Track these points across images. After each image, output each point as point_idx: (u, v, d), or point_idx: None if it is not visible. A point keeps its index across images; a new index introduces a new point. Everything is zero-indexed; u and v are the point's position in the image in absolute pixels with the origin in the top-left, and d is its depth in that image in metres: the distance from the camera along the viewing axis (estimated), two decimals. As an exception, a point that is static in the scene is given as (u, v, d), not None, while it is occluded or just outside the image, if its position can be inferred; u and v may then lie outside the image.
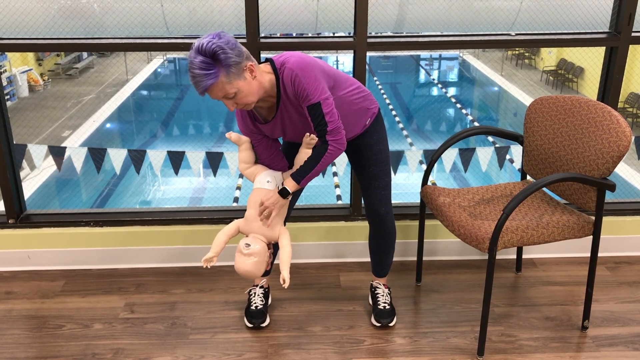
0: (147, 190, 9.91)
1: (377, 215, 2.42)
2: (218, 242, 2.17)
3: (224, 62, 1.81)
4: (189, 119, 14.47)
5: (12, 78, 14.30)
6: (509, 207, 2.08)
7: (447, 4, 3.22)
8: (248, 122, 2.16)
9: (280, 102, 2.04)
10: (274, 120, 2.10)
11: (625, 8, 2.79)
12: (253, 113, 2.13)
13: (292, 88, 1.97)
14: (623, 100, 13.08)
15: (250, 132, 2.18)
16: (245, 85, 1.88)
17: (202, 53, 1.79)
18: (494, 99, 16.14)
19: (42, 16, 3.09)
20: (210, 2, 3.16)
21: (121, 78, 15.74)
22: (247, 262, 2.10)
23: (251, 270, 2.11)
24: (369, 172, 2.35)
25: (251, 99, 1.93)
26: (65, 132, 11.63)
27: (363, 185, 2.40)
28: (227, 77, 1.83)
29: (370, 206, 2.41)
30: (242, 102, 1.92)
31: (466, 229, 2.23)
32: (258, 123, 2.15)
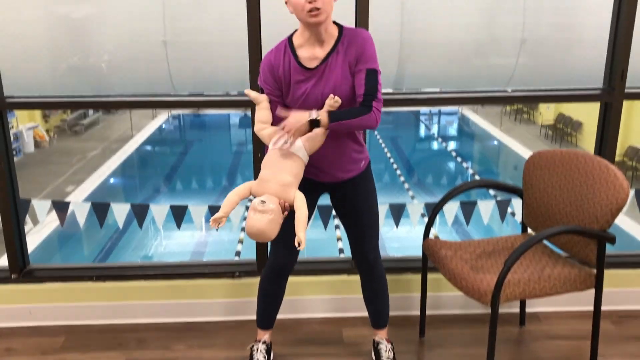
0: (149, 245, 9.89)
1: (367, 262, 2.43)
2: (229, 201, 2.03)
3: None
4: (192, 174, 14.59)
5: (18, 134, 14.52)
6: (510, 260, 2.10)
7: (445, 62, 3.31)
8: (270, 80, 2.14)
9: (331, 54, 2.07)
10: (316, 70, 2.07)
11: (617, 64, 2.88)
12: (295, 58, 2.10)
13: (359, 47, 2.04)
14: (622, 153, 13.20)
15: (270, 91, 2.16)
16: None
17: None
18: (494, 153, 16.29)
19: (51, 75, 3.18)
20: (215, 61, 3.26)
21: (126, 134, 15.97)
22: (262, 219, 1.94)
23: (266, 229, 1.95)
24: (363, 221, 2.36)
25: (328, 4, 1.99)
26: (69, 187, 11.71)
27: (356, 234, 2.40)
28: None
29: (361, 254, 2.42)
30: (322, 3, 1.96)
31: (468, 282, 2.23)
32: (296, 73, 2.10)
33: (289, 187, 2.05)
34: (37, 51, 3.11)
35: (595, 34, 3.14)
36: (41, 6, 3.10)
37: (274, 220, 1.97)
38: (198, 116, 19.31)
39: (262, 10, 2.78)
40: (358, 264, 2.48)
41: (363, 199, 2.35)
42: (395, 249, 8.65)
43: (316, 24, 2.03)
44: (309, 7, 1.97)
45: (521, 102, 2.77)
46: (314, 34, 2.08)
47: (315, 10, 1.97)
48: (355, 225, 2.40)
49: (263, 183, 2.05)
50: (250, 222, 1.96)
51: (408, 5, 3.18)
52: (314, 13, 1.98)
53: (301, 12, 2.00)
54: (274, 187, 2.03)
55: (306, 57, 2.11)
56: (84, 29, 3.15)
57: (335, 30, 2.12)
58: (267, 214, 1.95)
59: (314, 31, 2.07)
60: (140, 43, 3.19)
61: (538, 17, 3.24)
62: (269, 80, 2.16)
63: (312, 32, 2.07)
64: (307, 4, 1.97)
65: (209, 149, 17.33)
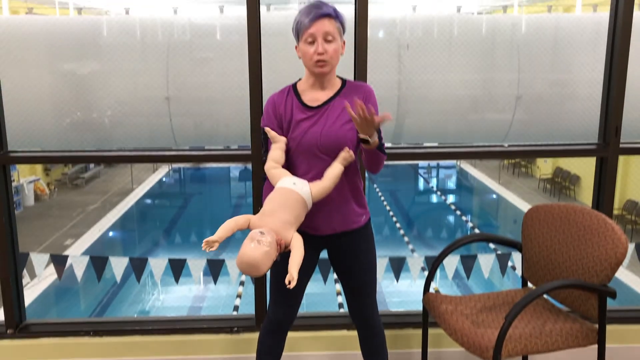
0: (146, 299, 9.77)
1: (365, 318, 2.40)
2: (225, 227, 1.99)
3: (341, 17, 2.15)
4: (191, 227, 14.55)
5: (19, 187, 14.57)
6: (511, 315, 2.08)
7: (442, 117, 3.37)
8: (272, 117, 2.21)
9: (334, 98, 2.19)
10: (318, 110, 2.17)
11: (611, 120, 2.93)
12: (299, 99, 2.19)
13: (364, 98, 2.17)
14: (621, 207, 13.22)
15: (271, 128, 2.21)
16: (338, 46, 2.13)
17: (328, 5, 2.13)
18: (493, 207, 16.30)
19: (54, 129, 3.23)
20: (217, 115, 3.32)
21: (126, 187, 16.02)
22: (258, 250, 1.90)
23: (259, 261, 1.91)
24: (361, 277, 2.35)
25: (335, 58, 2.14)
26: (67, 241, 11.66)
27: (353, 290, 2.38)
28: (337, 25, 2.12)
29: (358, 311, 2.40)
30: (330, 51, 2.10)
31: (469, 337, 2.20)
32: (299, 112, 2.17)
33: (289, 225, 2.04)
34: (41, 106, 3.17)
35: (589, 89, 3.22)
36: (47, 63, 3.18)
37: (269, 254, 1.93)
38: (198, 169, 19.42)
39: (264, 67, 2.85)
40: (355, 320, 2.45)
41: (362, 256, 2.34)
42: (395, 304, 8.54)
43: (320, 74, 2.15)
44: (316, 58, 2.11)
45: (518, 157, 2.82)
46: (318, 81, 2.20)
47: (322, 62, 2.11)
48: (353, 281, 2.38)
49: (264, 217, 2.04)
50: (244, 250, 1.92)
51: (405, 62, 3.26)
52: (321, 64, 2.12)
53: (309, 61, 2.13)
54: (274, 222, 2.01)
55: (309, 99, 2.21)
56: (88, 85, 3.22)
57: (338, 82, 2.25)
58: (264, 246, 1.92)
59: (319, 79, 2.19)
60: (143, 98, 3.25)
61: (533, 73, 3.32)
62: (270, 118, 2.23)
63: (317, 79, 2.19)
64: (316, 55, 2.10)
65: (208, 202, 17.34)
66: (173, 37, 3.31)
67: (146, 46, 3.22)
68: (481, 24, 3.42)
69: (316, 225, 2.25)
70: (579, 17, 3.42)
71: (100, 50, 3.21)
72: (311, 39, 2.10)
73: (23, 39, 3.13)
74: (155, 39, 3.28)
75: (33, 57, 3.15)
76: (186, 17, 3.48)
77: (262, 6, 2.85)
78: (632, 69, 2.92)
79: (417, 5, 4.16)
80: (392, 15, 3.47)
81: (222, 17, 3.57)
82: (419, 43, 3.27)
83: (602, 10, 3.57)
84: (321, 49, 2.09)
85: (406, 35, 3.32)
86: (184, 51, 3.25)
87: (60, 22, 3.28)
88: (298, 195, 2.08)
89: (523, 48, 3.30)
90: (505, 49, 3.30)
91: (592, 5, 9.19)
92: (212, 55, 3.24)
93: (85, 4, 16.26)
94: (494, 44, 3.32)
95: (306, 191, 2.11)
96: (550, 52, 3.30)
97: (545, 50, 3.29)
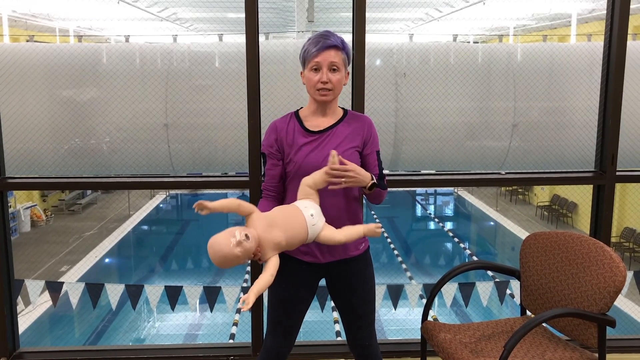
0: (142, 327, 9.67)
1: (362, 347, 2.37)
2: (226, 204, 2.00)
3: (347, 48, 2.21)
4: (188, 254, 14.47)
5: (15, 214, 14.51)
6: (510, 344, 2.06)
7: (439, 144, 3.39)
8: (273, 141, 2.22)
9: (337, 125, 2.23)
10: (320, 135, 2.19)
11: (607, 149, 2.94)
12: (300, 124, 2.21)
13: (367, 130, 2.24)
14: (619, 234, 13.21)
15: (271, 152, 2.23)
16: (342, 77, 2.19)
17: (336, 37, 2.18)
18: (491, 234, 16.27)
19: (52, 155, 3.24)
20: (214, 142, 3.33)
21: (123, 213, 15.96)
22: (232, 249, 1.90)
23: (226, 257, 1.91)
24: (360, 308, 2.32)
25: (338, 88, 2.19)
26: (63, 267, 11.58)
27: (351, 319, 2.35)
28: (343, 57, 2.18)
29: (357, 341, 2.37)
30: (334, 81, 2.15)
31: (468, 366, 2.18)
32: (301, 137, 2.19)
33: (276, 247, 2.01)
34: (40, 133, 3.17)
35: (584, 117, 3.24)
36: (46, 90, 3.20)
37: (238, 258, 1.92)
38: (196, 195, 19.39)
39: (262, 94, 2.87)
40: (353, 349, 2.42)
41: (362, 284, 2.32)
42: (393, 332, 8.46)
43: (323, 102, 2.19)
44: (320, 86, 2.15)
45: (515, 184, 2.83)
46: (320, 108, 2.23)
47: (325, 90, 2.16)
48: (351, 310, 2.35)
49: (264, 223, 2.02)
50: (222, 240, 1.92)
51: (402, 89, 3.29)
52: (324, 92, 2.16)
53: (312, 88, 2.18)
54: (267, 235, 1.99)
55: (311, 124, 2.24)
56: (87, 111, 3.24)
57: (340, 111, 2.28)
58: (239, 249, 1.91)
59: (321, 106, 2.22)
60: (141, 125, 3.27)
61: (528, 102, 3.35)
62: (271, 141, 2.24)
63: (319, 106, 2.23)
64: (319, 83, 2.15)
65: (205, 229, 17.28)
66: (172, 65, 3.34)
67: (145, 73, 3.25)
68: (477, 53, 3.46)
69: (315, 252, 2.24)
70: (573, 47, 3.47)
71: (100, 77, 3.23)
72: (316, 67, 2.15)
73: (23, 66, 3.16)
74: (154, 66, 3.31)
75: (32, 84, 3.18)
76: (185, 45, 3.52)
77: (261, 35, 2.88)
78: (627, 98, 2.95)
79: (414, 34, 4.22)
80: (390, 43, 3.51)
81: (221, 45, 3.61)
82: (415, 71, 3.31)
83: (596, 40, 3.62)
84: (325, 78, 2.14)
85: (403, 63, 3.36)
86: (182, 78, 3.28)
87: (60, 49, 3.31)
88: (305, 228, 2.06)
89: (519, 76, 3.34)
90: (501, 78, 3.34)
91: (587, 35, 9.33)
92: (211, 83, 3.27)
93: (85, 32, 16.45)
94: (490, 73, 3.36)
95: (315, 229, 2.09)
96: (545, 81, 3.33)
97: (541, 78, 3.33)
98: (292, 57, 3.34)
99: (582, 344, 2.35)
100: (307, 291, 2.29)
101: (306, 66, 2.19)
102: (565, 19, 13.90)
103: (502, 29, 17.02)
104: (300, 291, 2.26)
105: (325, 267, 2.28)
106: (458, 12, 12.58)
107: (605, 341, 2.23)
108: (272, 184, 2.25)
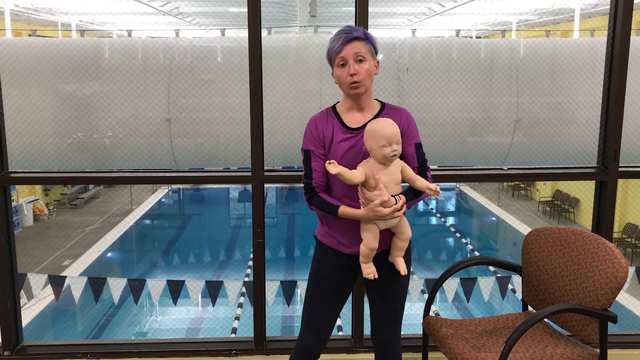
0: (144, 321, 9.70)
1: (386, 343, 2.36)
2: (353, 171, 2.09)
3: (371, 38, 2.19)
4: (190, 248, 14.49)
5: (17, 208, 14.54)
6: (511, 339, 2.07)
7: (442, 140, 3.39)
8: (315, 136, 2.20)
9: (374, 119, 2.19)
10: (358, 131, 2.17)
11: (610, 145, 2.94)
12: (340, 121, 2.20)
13: (405, 123, 2.20)
14: (620, 230, 13.20)
15: (315, 147, 2.21)
16: (370, 66, 2.16)
17: (358, 29, 2.18)
18: (493, 229, 16.27)
19: (55, 150, 3.24)
20: (216, 136, 3.33)
21: (125, 208, 15.99)
22: None
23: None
24: (391, 305, 2.31)
25: (368, 79, 2.16)
26: (65, 262, 11.61)
27: (382, 315, 2.34)
28: (368, 46, 2.16)
29: (382, 336, 2.36)
30: (362, 72, 2.13)
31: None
32: (340, 133, 2.18)
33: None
34: (42, 127, 3.18)
35: (587, 112, 3.24)
36: (48, 85, 3.20)
37: None
38: (198, 190, 19.41)
39: (264, 89, 2.87)
40: (376, 344, 2.40)
41: (398, 283, 2.30)
42: (395, 327, 8.46)
43: (356, 95, 2.17)
44: (350, 80, 2.13)
45: (517, 180, 2.82)
46: (355, 103, 2.21)
47: (355, 83, 2.13)
48: (384, 303, 2.33)
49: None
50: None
51: (405, 85, 3.28)
52: (355, 85, 2.13)
53: (344, 84, 2.17)
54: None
55: (348, 120, 2.22)
56: (90, 106, 3.24)
57: (377, 105, 2.26)
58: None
59: (356, 101, 2.20)
60: (144, 120, 3.27)
61: (531, 97, 3.34)
62: (314, 138, 2.22)
63: (354, 101, 2.21)
64: (349, 77, 2.13)
65: (207, 223, 17.30)
66: (174, 59, 3.34)
67: (148, 68, 3.25)
68: (480, 48, 3.45)
69: (357, 243, 2.21)
70: (576, 42, 3.46)
71: (102, 71, 3.23)
72: (343, 61, 2.14)
73: (25, 60, 3.16)
74: (156, 60, 3.31)
75: (35, 78, 3.17)
76: (187, 40, 3.51)
77: (263, 29, 2.88)
78: (630, 93, 2.94)
79: (417, 29, 4.21)
80: (392, 38, 3.51)
81: (223, 40, 3.61)
82: (418, 66, 3.30)
83: (599, 36, 3.61)
84: (353, 69, 2.12)
85: (405, 58, 3.35)
86: (185, 73, 3.27)
87: (62, 44, 3.31)
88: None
89: (521, 72, 3.33)
90: (504, 73, 3.33)
91: (590, 30, 9.28)
92: (213, 78, 3.26)
93: (88, 26, 16.43)
94: (492, 68, 3.35)
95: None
96: (548, 76, 3.32)
97: (544, 74, 3.32)
98: (294, 51, 3.33)
99: (584, 339, 2.36)
100: (347, 284, 2.31)
101: (334, 64, 2.18)
102: (568, 14, 13.85)
103: (505, 24, 16.97)
104: (341, 280, 2.26)
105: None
106: (461, 6, 12.55)
107: (607, 337, 2.23)
108: (321, 180, 2.21)
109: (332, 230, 2.26)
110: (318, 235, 2.33)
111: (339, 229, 2.24)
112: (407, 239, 2.22)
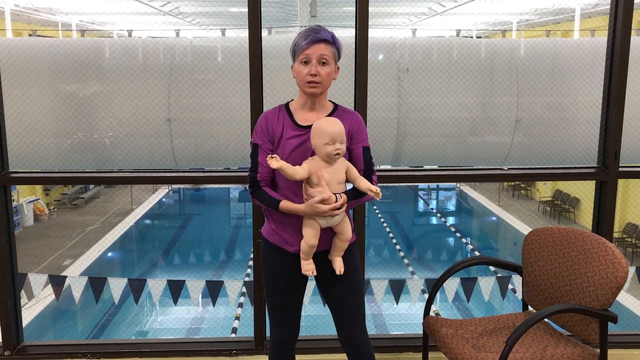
0: (144, 321, 9.70)
1: (354, 345, 2.35)
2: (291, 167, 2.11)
3: (337, 44, 2.23)
4: (190, 248, 14.49)
5: (18, 207, 14.54)
6: (511, 339, 2.07)
7: (442, 139, 3.39)
8: (264, 132, 2.23)
9: None
10: (308, 129, 2.19)
11: (610, 144, 2.94)
12: (291, 118, 2.23)
13: (354, 125, 2.24)
14: (621, 230, 13.19)
15: (263, 142, 2.24)
16: (331, 70, 2.20)
17: (327, 31, 2.21)
18: (493, 229, 16.26)
19: (55, 150, 3.24)
20: (217, 136, 3.33)
21: (126, 208, 15.98)
22: None
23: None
24: (350, 302, 2.31)
25: (327, 81, 2.20)
26: (65, 261, 11.61)
27: (342, 317, 2.33)
28: (333, 51, 2.20)
29: (348, 338, 2.34)
30: (323, 74, 2.17)
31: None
32: (290, 129, 2.20)
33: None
34: (43, 127, 3.18)
35: (587, 112, 3.23)
36: (49, 85, 3.20)
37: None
38: (198, 190, 19.42)
39: (264, 89, 2.87)
40: (344, 346, 2.38)
41: (349, 282, 2.30)
42: (395, 327, 8.47)
43: (312, 95, 2.20)
44: (309, 79, 2.16)
45: (517, 180, 2.81)
46: (309, 101, 2.24)
47: (313, 83, 2.16)
48: (340, 304, 2.33)
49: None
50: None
51: (405, 85, 3.29)
52: (312, 85, 2.17)
53: (301, 81, 2.19)
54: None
55: (299, 118, 2.24)
56: (90, 106, 3.24)
57: (330, 106, 2.29)
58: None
59: (310, 99, 2.23)
60: (144, 120, 3.27)
61: (531, 97, 3.34)
62: (263, 131, 2.25)
63: (308, 99, 2.23)
64: (308, 76, 2.16)
65: (208, 223, 17.31)
66: (175, 59, 3.34)
67: (148, 68, 3.25)
68: (480, 48, 3.45)
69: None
70: (577, 42, 3.46)
71: (102, 71, 3.23)
72: (306, 59, 2.16)
73: (26, 60, 3.16)
74: (157, 61, 3.31)
75: (35, 78, 3.18)
76: (188, 40, 3.51)
77: (264, 29, 2.88)
78: (630, 93, 2.94)
79: (417, 29, 4.21)
80: (392, 38, 3.51)
81: (223, 40, 3.61)
82: (418, 66, 3.30)
83: (599, 36, 3.61)
84: (314, 70, 2.15)
85: (406, 58, 3.36)
86: (185, 73, 3.28)
87: (63, 44, 3.31)
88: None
89: (522, 72, 3.33)
90: (504, 73, 3.33)
91: (590, 30, 9.28)
92: (214, 78, 3.27)
93: (88, 26, 16.43)
94: (492, 68, 3.35)
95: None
96: (548, 76, 3.32)
97: (544, 74, 3.32)
98: (294, 52, 3.33)
99: (584, 339, 2.36)
100: (302, 279, 2.30)
101: (296, 59, 2.20)
102: (568, 14, 13.85)
103: (505, 24, 16.96)
104: (291, 280, 2.27)
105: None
106: (461, 6, 12.54)
107: (607, 337, 2.23)
108: (267, 174, 2.24)
109: (279, 228, 2.28)
110: (264, 233, 2.35)
111: (284, 226, 2.26)
112: (347, 239, 2.24)
